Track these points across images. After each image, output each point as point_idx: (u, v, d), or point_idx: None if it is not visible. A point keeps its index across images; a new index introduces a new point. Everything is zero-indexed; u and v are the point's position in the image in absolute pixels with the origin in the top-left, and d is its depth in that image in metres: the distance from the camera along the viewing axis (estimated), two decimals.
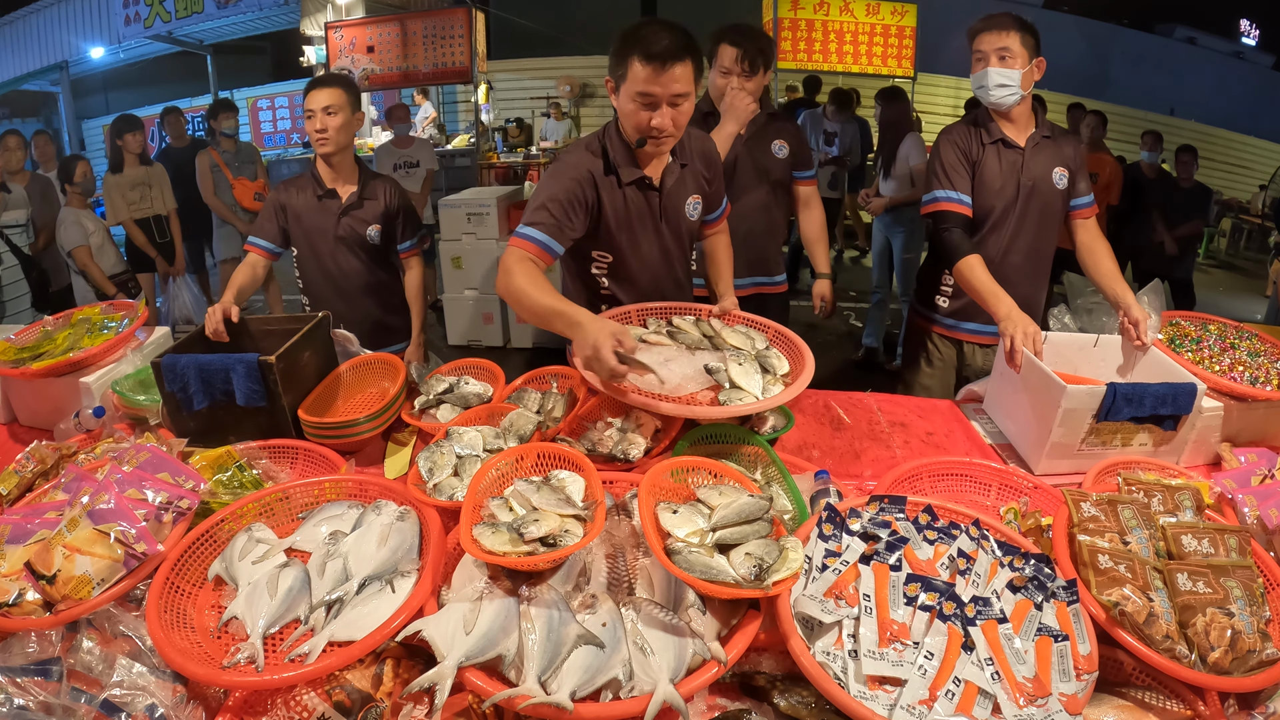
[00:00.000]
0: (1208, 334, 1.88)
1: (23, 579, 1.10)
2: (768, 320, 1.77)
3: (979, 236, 2.11)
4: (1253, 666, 1.04)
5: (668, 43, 1.51)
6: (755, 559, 1.04)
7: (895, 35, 8.05)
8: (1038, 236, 2.13)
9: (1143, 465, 1.52)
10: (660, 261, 1.83)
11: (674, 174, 1.77)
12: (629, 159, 1.69)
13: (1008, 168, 2.07)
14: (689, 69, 1.56)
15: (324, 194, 2.38)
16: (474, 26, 6.94)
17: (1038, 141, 2.08)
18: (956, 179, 2.08)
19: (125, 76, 10.81)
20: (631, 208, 1.73)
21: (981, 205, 2.10)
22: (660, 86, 1.54)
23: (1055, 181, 2.08)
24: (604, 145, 1.70)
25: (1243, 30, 12.47)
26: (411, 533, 1.22)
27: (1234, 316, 2.03)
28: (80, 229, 4.01)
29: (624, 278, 1.81)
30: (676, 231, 1.83)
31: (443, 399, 1.72)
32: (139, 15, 8.60)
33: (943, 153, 2.11)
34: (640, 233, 1.76)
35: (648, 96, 1.56)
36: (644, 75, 1.54)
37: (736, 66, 2.26)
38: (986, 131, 2.09)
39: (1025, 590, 1.08)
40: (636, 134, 1.63)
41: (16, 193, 3.88)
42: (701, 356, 1.57)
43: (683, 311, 1.79)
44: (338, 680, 1.00)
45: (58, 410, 1.71)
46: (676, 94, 1.56)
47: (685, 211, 1.83)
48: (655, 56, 1.51)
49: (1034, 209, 2.09)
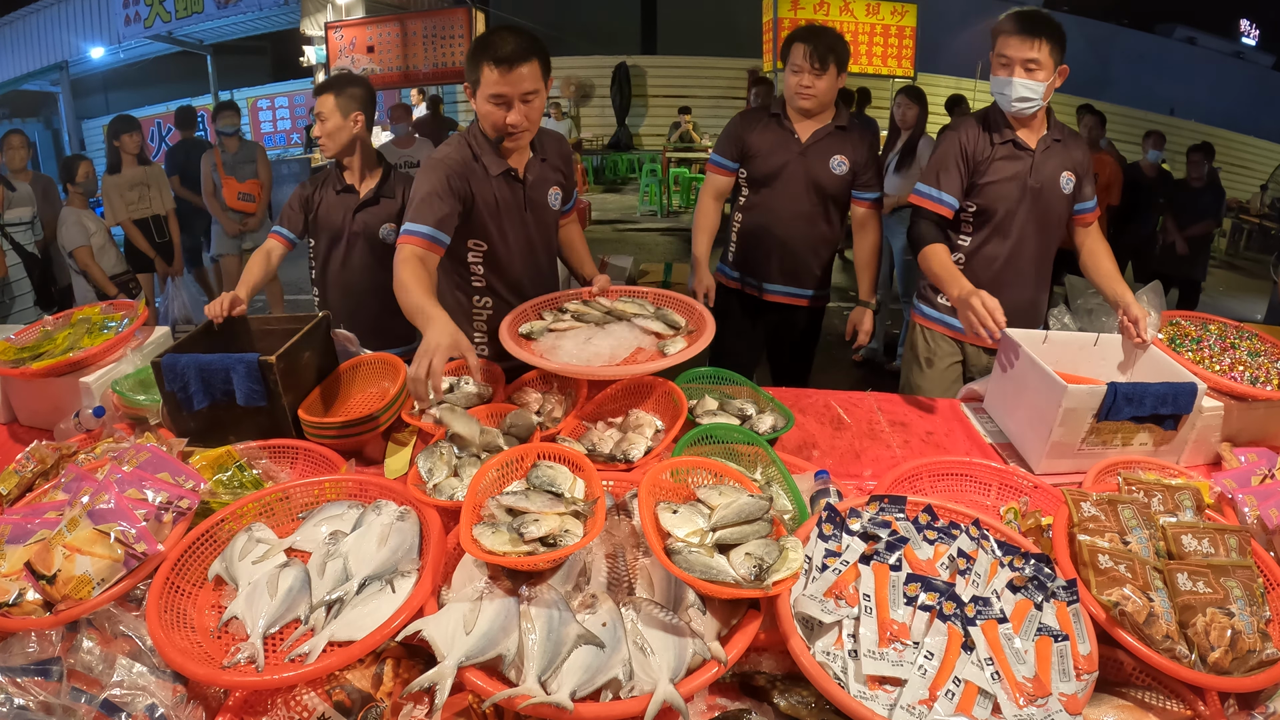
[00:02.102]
0: (1208, 334, 1.88)
1: (23, 579, 1.10)
2: (643, 289, 1.98)
3: (983, 237, 2.10)
4: (1253, 666, 1.04)
5: (514, 46, 1.67)
6: (755, 559, 1.04)
7: (895, 35, 8.06)
8: (1041, 239, 2.11)
9: (1143, 465, 1.52)
10: (528, 248, 1.96)
11: (535, 168, 1.91)
12: (494, 153, 1.82)
13: (1016, 169, 2.04)
14: (535, 68, 1.71)
15: (342, 189, 2.43)
16: (474, 26, 6.95)
17: (1049, 145, 2.05)
18: (946, 179, 2.05)
19: (125, 76, 10.83)
20: (500, 198, 1.85)
21: (986, 205, 2.07)
22: (510, 86, 1.70)
23: (1062, 186, 2.06)
24: (469, 143, 1.83)
25: (1243, 30, 12.48)
26: (411, 533, 1.22)
27: (1234, 316, 2.03)
28: (81, 229, 4.01)
29: (497, 265, 1.94)
30: (541, 220, 1.97)
31: (442, 399, 1.72)
32: (139, 15, 8.61)
33: (944, 148, 2.07)
34: (508, 221, 1.89)
35: (500, 97, 1.71)
36: (494, 78, 1.69)
37: (805, 64, 2.27)
38: (999, 132, 2.05)
39: (1025, 590, 1.08)
40: (495, 132, 1.78)
41: (21, 191, 3.89)
42: (617, 327, 1.77)
43: (569, 298, 1.93)
44: (338, 680, 1.00)
45: (58, 410, 1.71)
46: (526, 91, 1.71)
47: (548, 202, 1.97)
48: (503, 60, 1.67)
49: (1039, 212, 2.07)
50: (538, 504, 1.14)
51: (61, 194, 4.41)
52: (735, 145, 2.46)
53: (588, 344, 1.71)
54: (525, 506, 1.13)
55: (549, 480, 1.20)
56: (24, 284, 3.79)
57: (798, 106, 2.36)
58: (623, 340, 1.73)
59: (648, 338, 1.77)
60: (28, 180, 4.10)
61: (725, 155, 2.49)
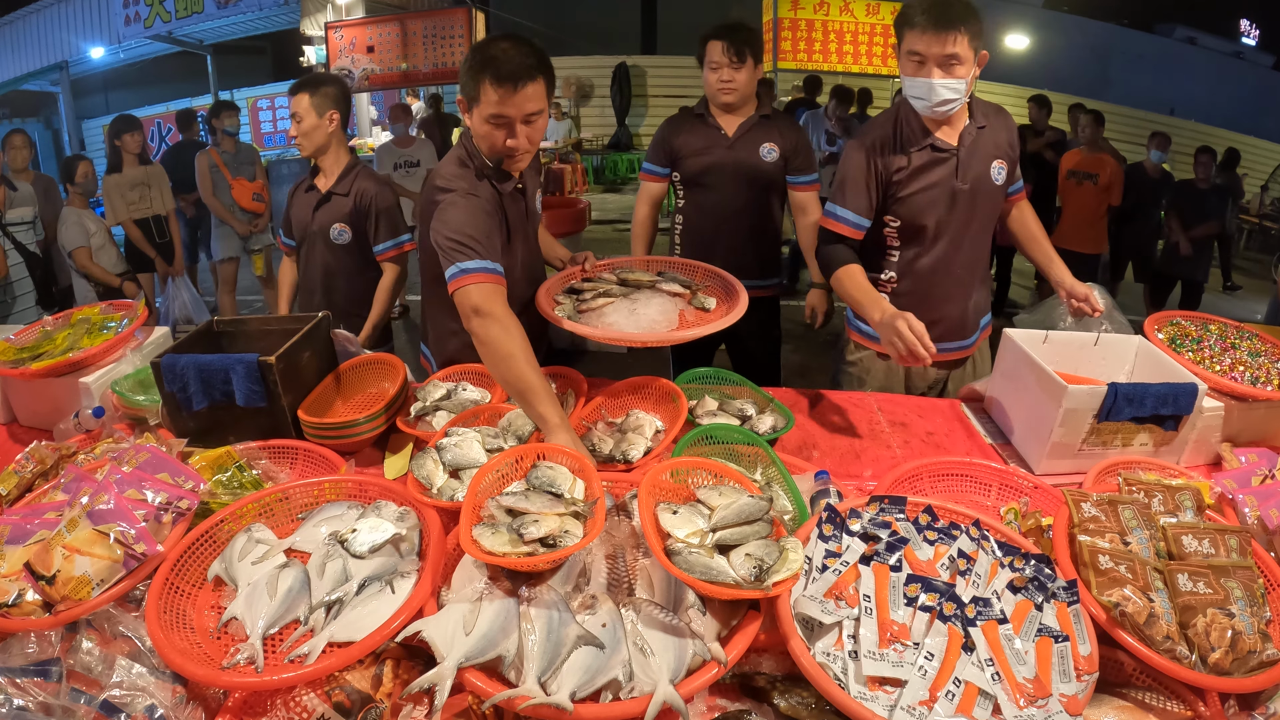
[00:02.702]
0: (1208, 334, 1.88)
1: (22, 579, 1.10)
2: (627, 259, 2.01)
3: (916, 251, 1.92)
4: (1253, 667, 1.04)
5: (517, 63, 1.49)
6: (755, 559, 1.04)
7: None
8: (978, 240, 1.95)
9: (1143, 465, 1.52)
10: (529, 260, 1.85)
11: (527, 176, 1.79)
12: (498, 173, 1.66)
13: (940, 175, 1.83)
14: (540, 87, 1.54)
15: (309, 188, 2.52)
16: (474, 26, 6.96)
17: (973, 136, 1.84)
18: (854, 198, 1.86)
19: (125, 76, 10.83)
20: (510, 216, 1.72)
21: (912, 219, 1.88)
22: (514, 108, 1.53)
23: (994, 178, 1.88)
24: (474, 165, 1.66)
25: (1243, 30, 12.48)
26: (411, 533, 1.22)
27: (1234, 316, 2.02)
28: (81, 229, 4.02)
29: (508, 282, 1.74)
30: (534, 223, 1.88)
31: (440, 405, 1.72)
32: (139, 15, 8.61)
33: (851, 163, 1.86)
34: (517, 238, 1.76)
35: (500, 118, 1.54)
36: (495, 98, 1.52)
37: (724, 59, 2.28)
38: (913, 139, 1.83)
39: (1025, 591, 1.08)
40: (493, 154, 1.62)
41: (23, 190, 3.89)
42: (647, 294, 1.79)
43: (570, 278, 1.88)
44: (337, 681, 1.00)
45: (57, 410, 1.71)
46: (530, 113, 1.55)
47: (536, 206, 1.89)
48: (506, 78, 1.49)
49: (972, 214, 1.89)
50: (537, 505, 1.14)
51: (62, 194, 4.41)
52: (664, 150, 2.48)
53: (634, 314, 1.68)
54: (525, 507, 1.13)
55: (549, 481, 1.20)
56: (25, 283, 3.80)
57: (721, 102, 2.38)
58: (664, 306, 1.74)
59: (680, 299, 1.80)
60: (29, 180, 4.11)
61: (655, 162, 2.51)
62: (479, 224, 1.54)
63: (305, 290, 2.59)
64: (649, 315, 1.69)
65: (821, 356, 4.94)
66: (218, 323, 1.83)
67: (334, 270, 2.52)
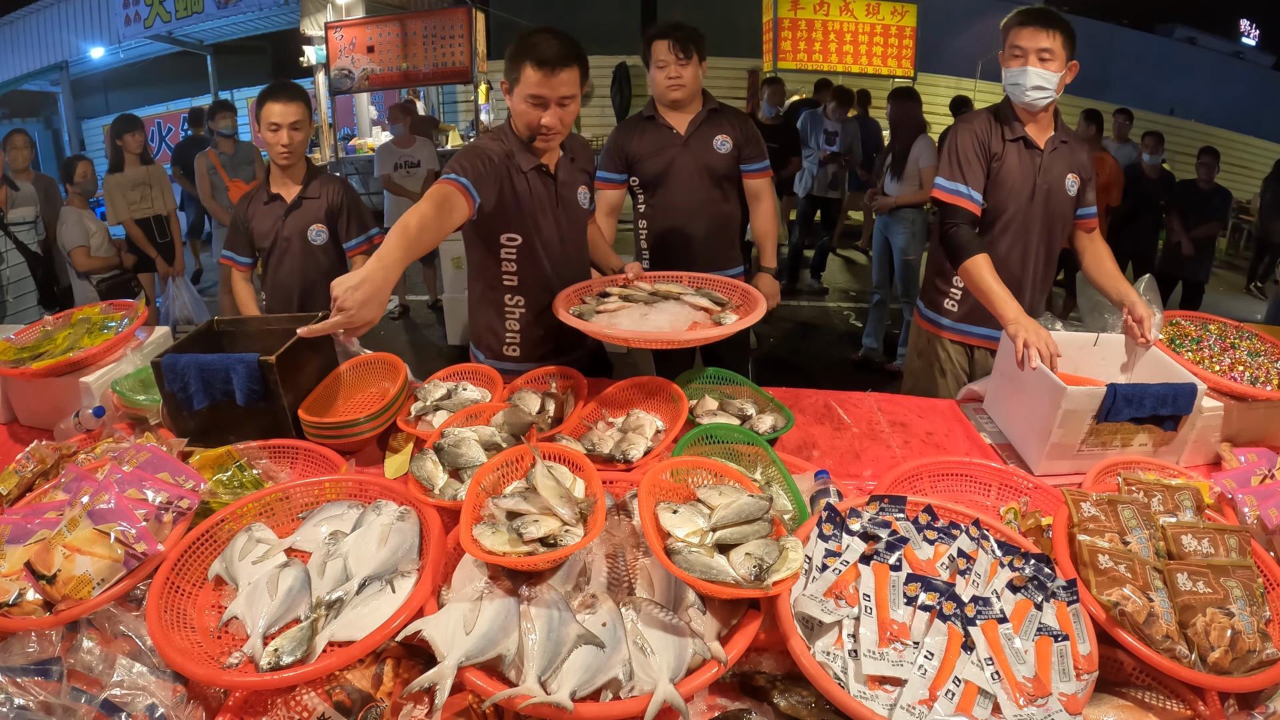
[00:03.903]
0: (1208, 334, 1.88)
1: (23, 579, 1.10)
2: (678, 273, 2.03)
3: (991, 235, 2.08)
4: (1253, 666, 1.04)
5: (557, 50, 1.70)
6: (755, 559, 1.04)
7: (895, 35, 8.06)
8: (1048, 240, 2.10)
9: (1143, 465, 1.52)
10: (560, 244, 1.96)
11: (565, 166, 1.94)
12: (526, 150, 1.85)
13: (1026, 168, 2.02)
14: (575, 74, 1.75)
15: (270, 198, 2.47)
16: (474, 26, 6.95)
17: (1056, 146, 2.05)
18: (970, 173, 2.01)
19: (125, 76, 10.81)
20: (534, 191, 1.87)
21: (996, 204, 2.05)
22: (549, 89, 1.72)
23: (1068, 188, 2.06)
24: (503, 139, 1.86)
25: (1243, 30, 12.47)
26: (411, 533, 1.22)
27: (1234, 316, 2.03)
28: (81, 229, 4.01)
29: (531, 259, 1.94)
30: (572, 218, 1.99)
31: (440, 405, 1.72)
32: (139, 15, 8.60)
33: (960, 142, 2.03)
34: (541, 216, 1.90)
35: (538, 98, 1.74)
36: (535, 79, 1.71)
37: (670, 56, 2.33)
38: (1009, 128, 2.03)
39: (1025, 590, 1.08)
40: (528, 131, 1.80)
41: (25, 190, 3.89)
42: (668, 305, 1.82)
43: (607, 284, 1.99)
44: (338, 680, 1.00)
45: (58, 410, 1.71)
46: (564, 96, 1.74)
47: (578, 200, 2.00)
48: (545, 63, 1.70)
49: (1047, 212, 2.06)
50: (538, 504, 1.14)
51: (62, 194, 4.41)
52: (618, 157, 2.50)
53: (644, 320, 1.75)
54: (525, 508, 1.13)
55: (550, 485, 1.20)
56: (27, 283, 3.80)
57: (670, 100, 2.41)
58: (677, 316, 1.77)
59: (699, 314, 1.81)
60: (30, 180, 4.11)
61: (610, 169, 2.52)
62: (467, 160, 1.73)
63: (280, 299, 2.56)
64: (656, 322, 1.73)
65: (825, 359, 4.96)
66: (218, 322, 1.83)
67: (312, 273, 2.51)
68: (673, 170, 2.43)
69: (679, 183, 2.45)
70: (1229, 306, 6.75)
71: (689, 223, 2.48)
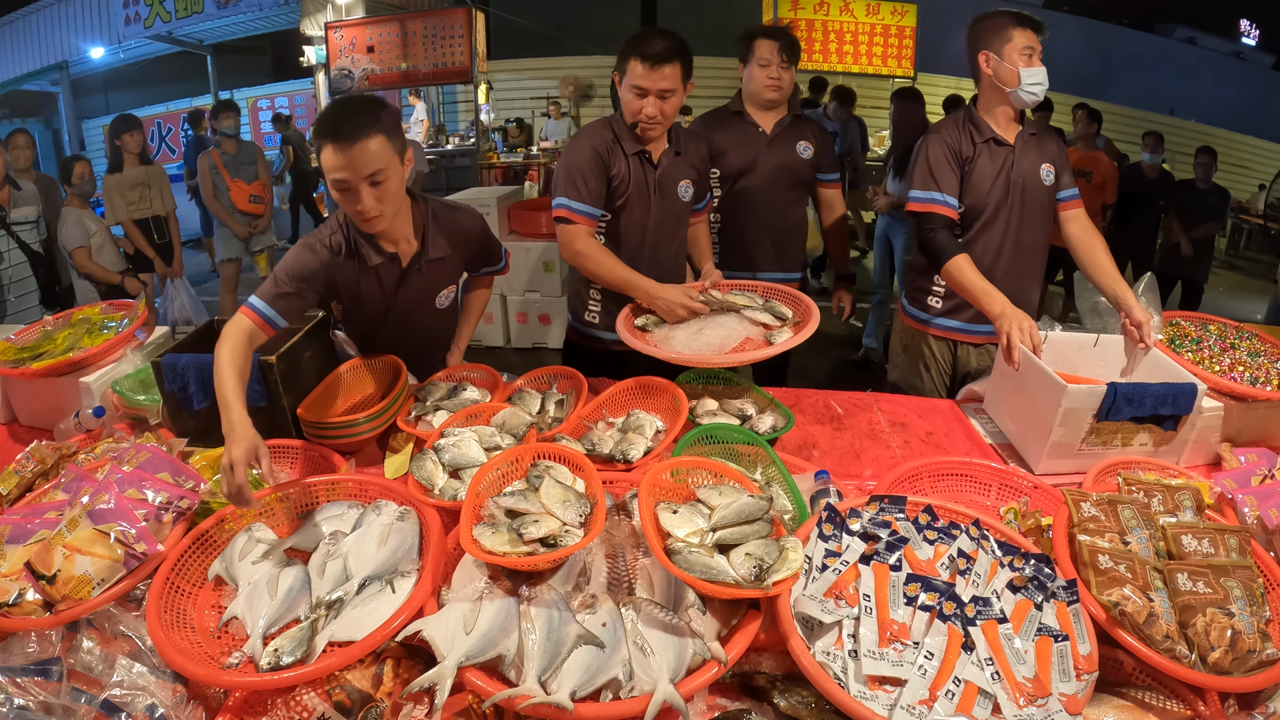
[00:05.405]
0: (1208, 334, 1.88)
1: (23, 579, 1.10)
2: (754, 282, 2.07)
3: (971, 235, 2.10)
4: (1253, 666, 1.04)
5: (662, 48, 1.88)
6: (755, 559, 1.04)
7: (895, 35, 8.05)
8: (1029, 233, 2.12)
9: (1143, 465, 1.52)
10: (649, 227, 2.08)
11: (669, 157, 2.07)
12: (631, 136, 2.01)
13: (999, 166, 2.07)
14: (677, 70, 1.91)
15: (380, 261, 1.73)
16: (474, 26, 6.94)
17: (1025, 139, 2.09)
18: (944, 180, 2.06)
19: (125, 76, 10.80)
20: (632, 175, 2.02)
21: (974, 204, 2.09)
22: (650, 82, 1.90)
23: (1043, 178, 2.09)
24: (612, 124, 2.04)
25: (1243, 30, 12.45)
26: (411, 533, 1.22)
27: (1234, 316, 2.02)
28: (82, 229, 4.01)
29: (617, 237, 2.07)
30: (669, 207, 2.10)
31: (440, 405, 1.72)
32: (139, 15, 8.60)
33: (931, 152, 2.09)
34: (636, 198, 2.04)
35: (640, 89, 1.92)
36: (640, 72, 1.90)
37: (776, 58, 2.38)
38: (978, 130, 2.08)
39: (1025, 590, 1.08)
40: (631, 119, 1.97)
41: (26, 190, 3.89)
42: (727, 319, 1.88)
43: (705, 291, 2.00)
44: (338, 680, 1.00)
45: (58, 410, 1.71)
46: (664, 89, 1.91)
47: (678, 191, 2.11)
48: (650, 57, 1.88)
49: (1025, 206, 2.09)
50: (538, 504, 1.14)
51: (64, 194, 4.41)
52: None
53: (698, 335, 1.83)
54: (525, 507, 1.13)
55: (550, 488, 1.20)
56: (29, 283, 3.80)
57: (765, 99, 2.43)
58: (732, 331, 1.84)
59: (755, 329, 1.88)
60: (32, 179, 4.11)
61: None
62: (575, 161, 1.97)
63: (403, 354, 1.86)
64: (709, 338, 1.81)
65: (826, 359, 4.95)
66: (218, 322, 1.82)
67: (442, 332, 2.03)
68: (756, 167, 2.47)
69: (759, 179, 2.48)
70: (1230, 306, 6.75)
71: (763, 220, 2.51)
